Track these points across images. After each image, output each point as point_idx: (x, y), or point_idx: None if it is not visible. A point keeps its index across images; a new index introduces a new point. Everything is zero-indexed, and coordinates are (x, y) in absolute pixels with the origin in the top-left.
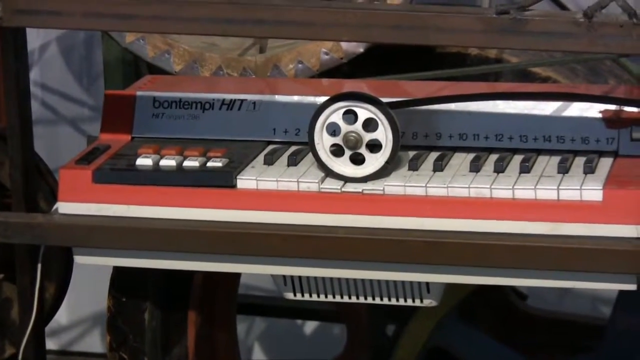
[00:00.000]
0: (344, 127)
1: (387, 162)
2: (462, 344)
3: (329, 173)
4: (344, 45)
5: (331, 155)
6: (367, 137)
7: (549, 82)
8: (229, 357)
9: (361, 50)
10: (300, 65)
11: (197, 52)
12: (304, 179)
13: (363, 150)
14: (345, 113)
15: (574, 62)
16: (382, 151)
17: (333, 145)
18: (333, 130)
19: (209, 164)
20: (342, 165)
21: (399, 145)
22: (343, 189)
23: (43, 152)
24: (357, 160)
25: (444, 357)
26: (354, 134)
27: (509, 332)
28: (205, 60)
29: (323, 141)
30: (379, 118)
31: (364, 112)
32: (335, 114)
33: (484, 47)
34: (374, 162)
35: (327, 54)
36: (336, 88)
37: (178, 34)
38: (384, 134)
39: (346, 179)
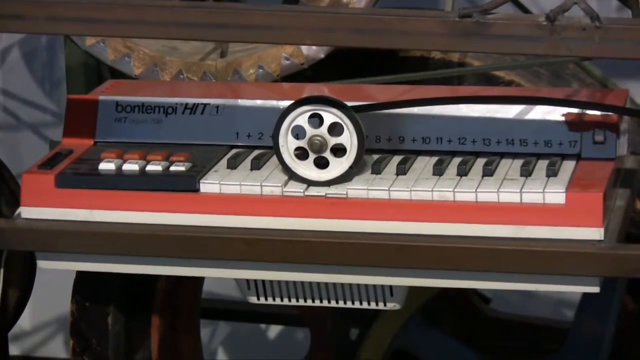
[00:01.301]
0: (310, 131)
1: (351, 167)
2: (426, 346)
3: (292, 176)
4: (305, 50)
5: (295, 159)
6: (332, 141)
7: (512, 85)
8: None
9: (322, 55)
10: (260, 70)
11: (157, 56)
12: (267, 183)
13: (327, 154)
14: (310, 117)
15: (536, 66)
16: (346, 155)
17: (297, 148)
18: (298, 133)
19: (172, 168)
20: (306, 169)
21: (363, 150)
22: (306, 193)
23: (5, 157)
24: (321, 164)
25: (409, 358)
26: (319, 138)
27: (472, 335)
28: (166, 64)
29: (288, 144)
30: (344, 122)
31: (329, 116)
32: (301, 117)
33: (447, 50)
34: (338, 166)
35: (287, 59)
36: (299, 92)
37: (142, 37)
38: (349, 138)
39: (310, 183)
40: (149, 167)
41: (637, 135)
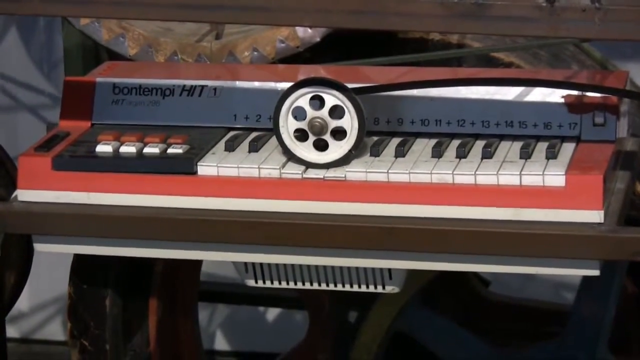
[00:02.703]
0: (310, 113)
1: (350, 150)
2: (426, 329)
3: (291, 157)
4: (300, 33)
5: (295, 140)
6: (333, 123)
7: (512, 67)
8: (190, 344)
9: (317, 39)
10: (255, 53)
11: (152, 37)
12: (265, 165)
13: (327, 136)
14: (312, 98)
15: (536, 47)
16: (346, 139)
17: (297, 129)
18: (298, 114)
19: (170, 150)
20: (305, 151)
21: (364, 134)
22: (305, 175)
23: (3, 139)
24: (320, 146)
25: (408, 341)
26: (319, 120)
27: (471, 319)
28: (160, 45)
29: (288, 125)
30: (345, 105)
31: (331, 99)
32: (302, 99)
33: (445, 32)
34: (337, 149)
35: (283, 42)
36: (297, 74)
37: (138, 19)
38: (349, 121)
39: (308, 164)
40: (147, 150)
41: (637, 117)
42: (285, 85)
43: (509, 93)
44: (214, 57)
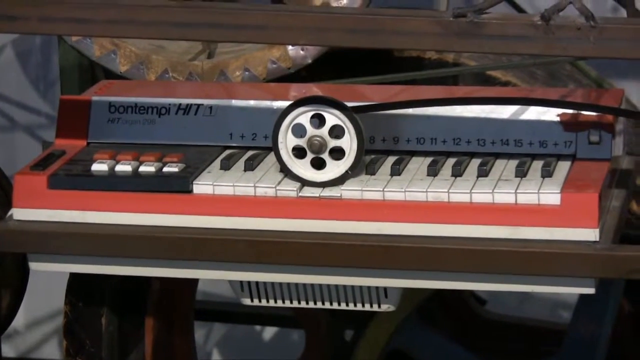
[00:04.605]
0: (310, 130)
1: (347, 171)
2: (422, 346)
3: (287, 174)
4: (292, 55)
5: (292, 157)
6: (332, 143)
7: (508, 86)
8: None
9: (309, 60)
10: (247, 73)
11: (143, 54)
12: (260, 184)
13: (325, 155)
14: (312, 117)
15: (531, 66)
16: (344, 159)
17: (296, 146)
18: (298, 132)
19: (165, 169)
20: (302, 168)
21: (362, 155)
22: (300, 194)
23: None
24: (317, 164)
25: (404, 358)
26: (318, 138)
27: (468, 337)
28: (152, 63)
29: (287, 141)
30: (346, 126)
31: (332, 118)
32: (303, 116)
33: (441, 50)
34: (334, 168)
35: (274, 62)
36: (293, 92)
37: (135, 38)
38: (349, 142)
39: (304, 182)
40: (142, 168)
41: (632, 136)
42: (281, 104)
43: (504, 111)
44: (205, 76)
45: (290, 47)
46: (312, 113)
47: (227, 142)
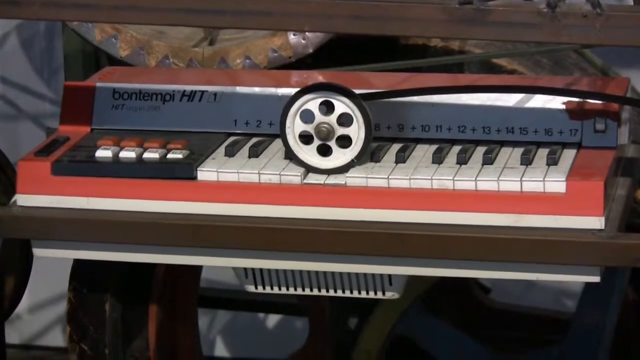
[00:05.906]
0: (319, 117)
1: (354, 159)
2: (427, 334)
3: (293, 159)
4: (293, 43)
5: (299, 142)
6: (340, 131)
7: (514, 74)
8: (190, 349)
9: (310, 50)
10: (247, 61)
11: (144, 39)
12: (265, 171)
13: (332, 142)
14: (321, 104)
15: (537, 54)
16: (351, 147)
17: (303, 132)
18: (306, 118)
19: (169, 155)
20: (308, 154)
21: (369, 144)
22: (305, 181)
23: (3, 145)
24: (323, 151)
25: (408, 346)
26: (326, 125)
27: (472, 325)
28: (152, 48)
29: (294, 126)
30: (354, 114)
31: (341, 106)
32: (312, 102)
33: (447, 37)
34: (340, 156)
35: (275, 51)
36: (298, 80)
37: (138, 24)
38: (356, 131)
39: (309, 169)
40: (146, 155)
41: (638, 124)
42: (286, 91)
43: (510, 99)
44: (205, 63)
45: (291, 36)
46: (321, 100)
47: (231, 129)
